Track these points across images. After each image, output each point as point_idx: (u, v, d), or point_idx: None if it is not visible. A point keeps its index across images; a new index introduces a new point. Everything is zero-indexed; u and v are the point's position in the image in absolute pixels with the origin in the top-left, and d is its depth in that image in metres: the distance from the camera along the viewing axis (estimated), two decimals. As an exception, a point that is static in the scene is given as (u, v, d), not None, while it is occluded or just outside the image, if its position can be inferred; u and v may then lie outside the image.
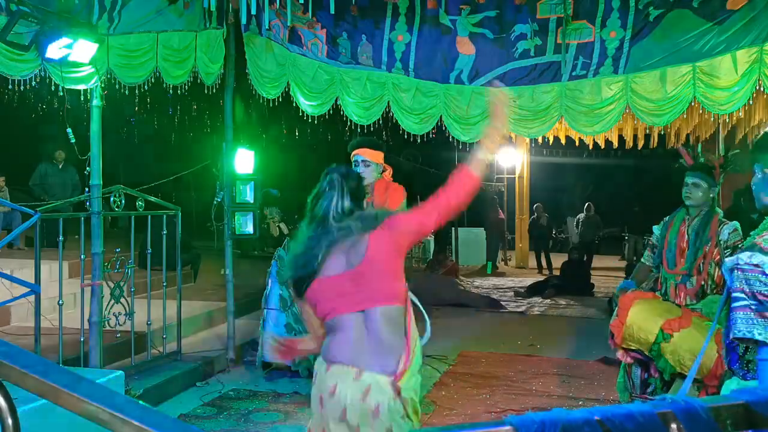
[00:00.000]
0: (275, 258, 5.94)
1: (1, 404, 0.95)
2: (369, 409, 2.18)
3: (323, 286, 2.28)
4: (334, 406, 2.24)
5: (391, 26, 6.03)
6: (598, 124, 5.84)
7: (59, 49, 4.40)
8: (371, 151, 4.49)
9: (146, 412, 0.84)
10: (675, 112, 5.60)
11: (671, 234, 3.94)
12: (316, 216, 2.39)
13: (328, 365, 2.30)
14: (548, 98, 5.78)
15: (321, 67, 6.14)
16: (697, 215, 3.87)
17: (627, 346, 3.59)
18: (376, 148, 4.52)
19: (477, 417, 4.72)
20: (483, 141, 2.48)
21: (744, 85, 5.26)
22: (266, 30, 6.10)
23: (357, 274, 2.25)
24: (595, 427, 0.83)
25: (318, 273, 2.28)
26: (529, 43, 5.79)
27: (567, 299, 10.49)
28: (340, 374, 2.24)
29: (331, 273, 2.27)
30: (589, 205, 14.14)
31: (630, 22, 5.52)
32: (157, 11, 5.25)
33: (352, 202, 2.40)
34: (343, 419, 2.22)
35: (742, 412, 0.86)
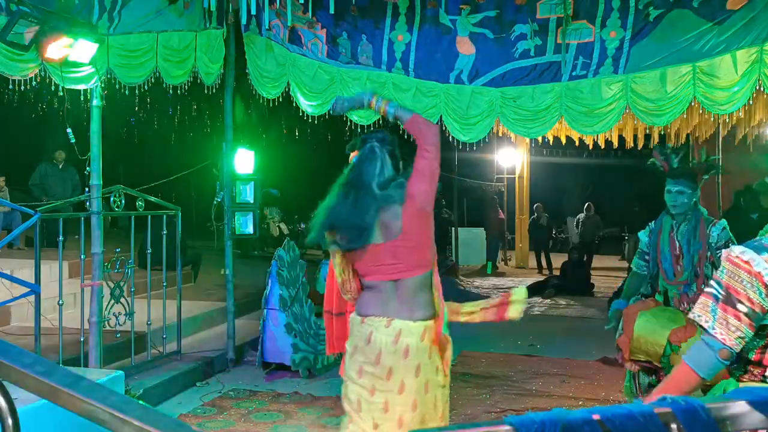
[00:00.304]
0: (275, 258, 5.94)
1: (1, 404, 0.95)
2: (400, 350, 2.48)
3: (364, 254, 2.53)
4: (370, 352, 2.51)
5: (391, 26, 6.02)
6: (598, 124, 5.83)
7: (59, 49, 4.39)
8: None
9: (146, 412, 0.84)
10: (675, 112, 5.59)
11: (662, 243, 3.88)
12: (359, 184, 2.55)
13: (362, 318, 2.56)
14: (548, 98, 5.78)
15: (321, 67, 6.14)
16: (683, 221, 3.83)
17: (636, 358, 3.57)
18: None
19: (477, 417, 4.72)
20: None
21: (744, 85, 5.25)
22: (266, 30, 6.10)
23: (395, 247, 2.50)
24: (595, 427, 0.83)
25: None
26: (529, 43, 5.78)
27: (567, 299, 10.49)
28: (373, 324, 2.52)
29: (371, 241, 2.51)
30: (589, 205, 14.14)
31: (630, 22, 5.52)
32: (157, 11, 5.25)
33: (392, 170, 2.61)
34: (377, 363, 2.49)
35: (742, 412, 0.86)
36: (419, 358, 2.50)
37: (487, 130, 6.04)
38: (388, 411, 2.49)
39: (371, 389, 2.51)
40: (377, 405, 2.50)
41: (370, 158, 2.60)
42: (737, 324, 1.82)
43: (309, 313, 5.98)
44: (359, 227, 2.48)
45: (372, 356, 2.50)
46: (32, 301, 4.74)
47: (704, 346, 1.89)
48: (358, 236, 2.48)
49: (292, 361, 5.67)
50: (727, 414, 0.86)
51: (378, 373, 2.49)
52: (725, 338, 1.83)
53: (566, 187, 22.43)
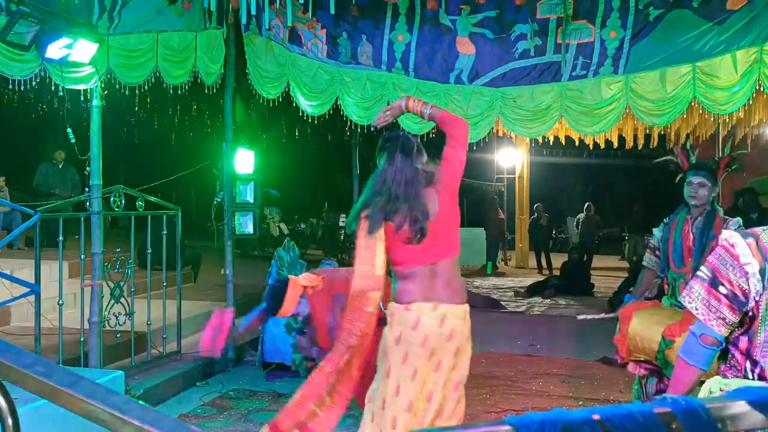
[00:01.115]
0: (275, 258, 5.94)
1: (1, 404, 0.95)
2: (444, 333, 2.70)
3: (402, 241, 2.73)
4: (417, 337, 2.68)
5: (391, 26, 6.02)
6: (598, 124, 5.83)
7: (59, 49, 4.39)
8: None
9: (146, 412, 0.84)
10: (675, 112, 5.60)
11: (675, 234, 3.92)
12: (404, 170, 2.78)
13: (405, 306, 2.73)
14: (548, 98, 5.78)
15: (321, 67, 6.14)
16: (699, 214, 3.86)
17: (635, 357, 3.58)
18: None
19: (477, 417, 4.72)
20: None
21: (744, 85, 5.25)
22: (266, 30, 6.10)
23: (435, 229, 2.72)
24: (595, 427, 0.83)
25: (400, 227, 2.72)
26: (529, 43, 5.78)
27: (567, 299, 10.49)
28: (419, 309, 2.70)
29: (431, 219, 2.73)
30: (589, 205, 14.14)
31: (630, 22, 5.52)
32: (157, 11, 5.25)
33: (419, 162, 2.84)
34: (424, 345, 2.68)
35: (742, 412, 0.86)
36: (460, 341, 2.74)
37: (487, 130, 6.04)
38: (423, 389, 2.71)
39: (413, 373, 2.70)
40: (415, 385, 2.69)
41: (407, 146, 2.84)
42: (717, 305, 1.85)
43: (309, 313, 5.98)
44: (420, 208, 2.71)
45: (418, 339, 2.68)
46: (32, 301, 4.74)
47: (690, 334, 1.92)
48: (423, 216, 2.70)
49: (292, 361, 5.67)
50: (727, 414, 0.86)
51: (421, 354, 2.68)
52: (706, 319, 1.86)
53: (566, 187, 22.43)
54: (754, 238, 1.84)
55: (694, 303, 1.90)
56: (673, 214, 4.03)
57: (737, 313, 1.85)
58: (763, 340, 1.83)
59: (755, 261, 1.81)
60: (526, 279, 12.90)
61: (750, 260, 1.82)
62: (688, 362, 1.92)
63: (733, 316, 1.85)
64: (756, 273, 1.81)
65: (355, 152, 9.08)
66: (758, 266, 1.81)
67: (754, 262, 1.82)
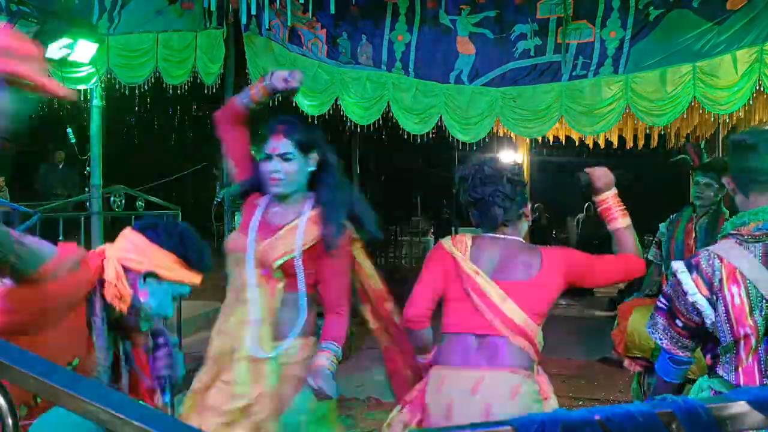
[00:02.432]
0: (275, 258, 5.93)
1: (1, 404, 0.95)
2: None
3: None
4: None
5: (391, 26, 6.02)
6: (598, 124, 5.83)
7: (59, 49, 4.40)
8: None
9: (146, 412, 0.84)
10: (675, 112, 5.60)
11: (678, 231, 3.96)
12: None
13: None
14: (548, 98, 5.78)
15: (321, 67, 6.13)
16: (704, 214, 3.89)
17: (632, 354, 3.60)
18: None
19: (477, 417, 4.72)
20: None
21: (744, 85, 5.25)
22: (266, 30, 6.10)
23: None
24: (595, 427, 0.83)
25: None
26: (529, 43, 5.78)
27: (567, 299, 10.49)
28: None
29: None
30: (589, 205, 14.13)
31: (630, 22, 5.52)
32: (157, 11, 5.25)
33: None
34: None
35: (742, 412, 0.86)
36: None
37: (487, 130, 6.04)
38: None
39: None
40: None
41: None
42: (677, 336, 1.93)
43: (309, 313, 5.98)
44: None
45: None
46: (32, 301, 4.73)
47: (662, 355, 2.01)
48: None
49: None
50: (727, 414, 0.86)
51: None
52: (670, 348, 1.95)
53: (566, 187, 22.44)
54: (698, 273, 1.85)
55: (658, 334, 1.97)
56: (679, 211, 4.07)
57: (696, 339, 1.93)
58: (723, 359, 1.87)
59: (701, 296, 1.84)
60: (526, 279, 12.87)
61: (696, 297, 1.85)
62: (666, 379, 2.03)
63: (695, 343, 1.94)
64: (705, 305, 1.84)
65: (355, 152, 9.08)
66: (706, 299, 1.84)
67: (700, 298, 1.84)
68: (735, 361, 1.83)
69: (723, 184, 3.89)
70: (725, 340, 1.83)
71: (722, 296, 1.80)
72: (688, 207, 4.02)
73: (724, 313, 1.81)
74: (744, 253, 1.82)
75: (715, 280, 1.82)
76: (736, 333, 1.80)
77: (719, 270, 1.82)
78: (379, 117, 6.18)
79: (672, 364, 1.98)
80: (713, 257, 1.85)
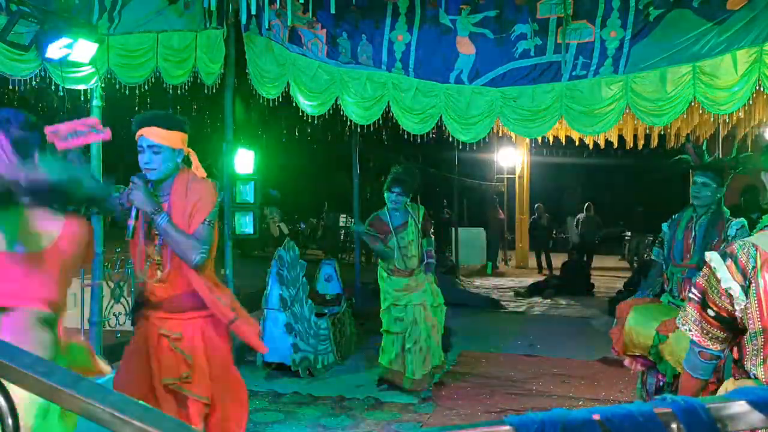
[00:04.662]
0: (275, 258, 5.94)
1: (1, 404, 0.95)
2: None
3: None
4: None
5: (391, 26, 6.02)
6: (598, 124, 5.83)
7: (59, 49, 4.39)
8: (164, 132, 2.96)
9: (146, 412, 0.84)
10: (675, 112, 5.60)
11: (678, 231, 3.98)
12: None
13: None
14: (548, 98, 5.78)
15: (321, 67, 6.14)
16: (704, 214, 3.90)
17: (631, 352, 3.61)
18: (172, 127, 3.00)
19: (477, 417, 4.72)
20: None
21: (744, 85, 5.25)
22: (266, 30, 6.10)
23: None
24: (595, 427, 0.83)
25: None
26: (529, 43, 5.78)
27: (567, 299, 10.49)
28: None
29: None
30: (589, 205, 14.14)
31: (630, 22, 5.52)
32: (157, 11, 5.25)
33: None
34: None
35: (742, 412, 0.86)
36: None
37: (487, 130, 6.04)
38: None
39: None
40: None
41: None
42: (708, 327, 1.94)
43: (309, 313, 5.98)
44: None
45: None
46: (32, 301, 4.73)
47: (690, 349, 2.03)
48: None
49: (292, 361, 5.67)
50: (727, 414, 0.86)
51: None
52: (700, 340, 1.96)
53: (566, 187, 22.43)
54: (732, 260, 1.89)
55: (688, 325, 1.99)
56: (681, 211, 4.09)
57: (727, 331, 1.93)
58: (751, 350, 1.89)
59: (735, 283, 1.87)
60: (526, 279, 12.89)
61: (730, 283, 1.87)
62: (693, 375, 2.05)
63: (725, 335, 1.94)
64: (738, 293, 1.86)
65: (355, 152, 9.08)
66: (739, 286, 1.86)
67: (734, 285, 1.87)
68: (763, 352, 1.85)
69: (720, 184, 3.90)
70: (753, 328, 1.85)
71: (755, 283, 1.84)
72: (689, 207, 4.04)
73: (756, 299, 1.84)
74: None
75: (749, 267, 1.85)
76: (766, 321, 1.83)
77: (754, 258, 1.86)
78: (379, 117, 6.19)
79: (700, 359, 1.99)
80: (749, 245, 1.89)
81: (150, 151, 2.92)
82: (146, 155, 2.92)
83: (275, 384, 5.49)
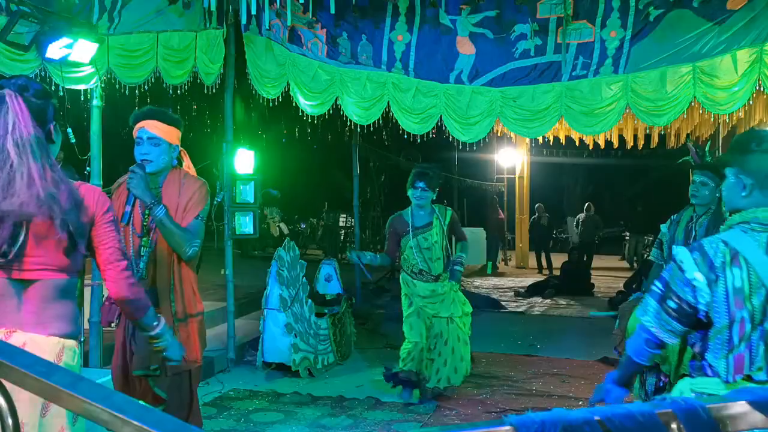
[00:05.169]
0: (275, 258, 5.94)
1: (1, 404, 0.95)
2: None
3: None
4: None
5: (391, 26, 6.02)
6: (598, 124, 5.83)
7: (59, 49, 4.39)
8: (163, 126, 3.06)
9: (146, 412, 0.84)
10: (675, 112, 5.60)
11: (678, 231, 3.99)
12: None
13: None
14: (548, 98, 5.78)
15: (321, 67, 6.14)
16: (704, 213, 3.90)
17: None
18: (171, 123, 3.10)
19: (477, 417, 4.72)
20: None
21: (744, 85, 5.25)
22: (266, 30, 6.10)
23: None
24: (595, 427, 0.83)
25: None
26: (529, 43, 5.78)
27: (567, 299, 10.49)
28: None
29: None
30: (589, 205, 14.15)
31: (630, 22, 5.52)
32: (157, 11, 5.25)
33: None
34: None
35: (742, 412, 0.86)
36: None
37: (487, 130, 6.04)
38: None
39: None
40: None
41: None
42: (667, 319, 1.96)
43: (309, 313, 5.99)
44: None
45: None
46: (32, 301, 4.73)
47: (637, 334, 2.07)
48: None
49: (292, 361, 5.67)
50: (727, 414, 0.86)
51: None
52: (656, 330, 1.99)
53: (566, 187, 22.44)
54: (699, 253, 1.92)
55: (647, 316, 2.02)
56: (680, 211, 4.10)
57: (686, 325, 1.96)
58: (716, 344, 1.91)
59: (701, 275, 1.89)
60: (526, 279, 12.90)
61: (694, 275, 1.90)
62: (634, 359, 2.11)
63: (682, 328, 1.97)
64: (702, 285, 1.89)
65: (355, 152, 9.08)
66: (705, 279, 1.89)
67: (700, 277, 1.89)
68: (727, 346, 1.88)
69: (719, 183, 3.90)
70: (720, 322, 1.88)
71: (723, 277, 1.86)
72: (688, 207, 4.04)
73: (723, 293, 1.86)
74: (749, 240, 1.89)
75: (717, 261, 1.88)
76: (732, 315, 1.85)
77: (722, 252, 1.89)
78: (379, 117, 6.19)
79: (647, 347, 2.04)
80: (717, 241, 1.93)
81: (149, 142, 3.00)
82: (144, 146, 3.00)
83: (275, 384, 5.49)
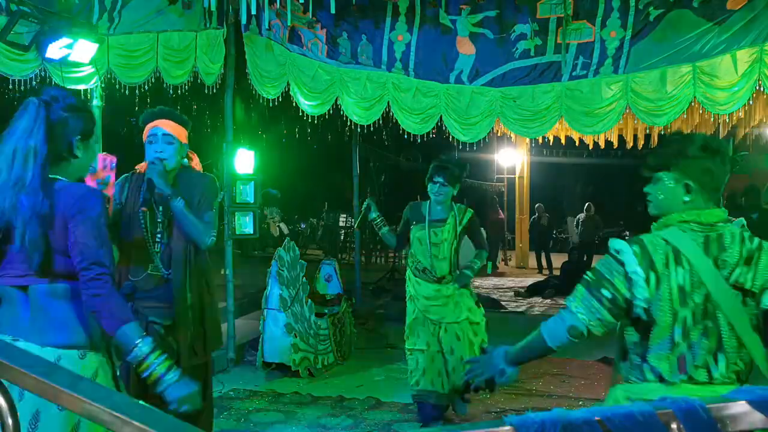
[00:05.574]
0: (275, 258, 5.94)
1: (1, 404, 0.95)
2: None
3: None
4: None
5: (391, 26, 6.03)
6: (598, 124, 5.84)
7: (59, 49, 4.40)
8: (175, 125, 3.12)
9: (146, 412, 0.84)
10: (675, 112, 5.60)
11: None
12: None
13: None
14: (548, 98, 5.78)
15: (321, 67, 6.14)
16: None
17: None
18: (181, 123, 3.16)
19: (477, 417, 4.72)
20: None
21: (744, 85, 5.25)
22: (266, 30, 6.10)
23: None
24: (595, 427, 0.83)
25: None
26: (529, 43, 5.79)
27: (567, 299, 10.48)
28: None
29: None
30: (589, 205, 14.14)
31: (630, 22, 5.52)
32: (157, 11, 5.25)
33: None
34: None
35: (742, 412, 0.86)
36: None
37: (487, 130, 6.04)
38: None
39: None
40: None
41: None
42: (598, 307, 1.89)
43: (309, 313, 5.98)
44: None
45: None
46: (32, 301, 4.73)
47: (560, 319, 1.97)
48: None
49: (292, 361, 5.67)
50: (727, 414, 0.86)
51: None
52: (585, 318, 1.90)
53: (566, 187, 22.44)
54: (640, 247, 1.88)
55: (575, 303, 1.93)
56: None
57: (615, 316, 1.90)
58: (658, 344, 1.87)
59: (640, 269, 1.86)
60: (526, 279, 12.89)
61: (635, 268, 1.86)
62: (548, 342, 2.00)
63: (612, 319, 1.90)
64: (640, 279, 1.85)
65: (355, 152, 9.08)
66: (643, 274, 1.85)
67: (639, 271, 1.86)
68: (668, 346, 1.85)
69: None
70: (663, 321, 1.85)
71: (667, 275, 1.84)
72: None
73: (667, 291, 1.84)
74: (688, 240, 1.88)
75: (657, 258, 1.86)
76: (675, 313, 1.84)
77: (662, 250, 1.87)
78: (379, 117, 6.19)
79: (568, 333, 1.94)
80: (659, 238, 1.90)
81: (164, 140, 3.06)
82: (159, 144, 3.05)
83: (275, 384, 5.49)
